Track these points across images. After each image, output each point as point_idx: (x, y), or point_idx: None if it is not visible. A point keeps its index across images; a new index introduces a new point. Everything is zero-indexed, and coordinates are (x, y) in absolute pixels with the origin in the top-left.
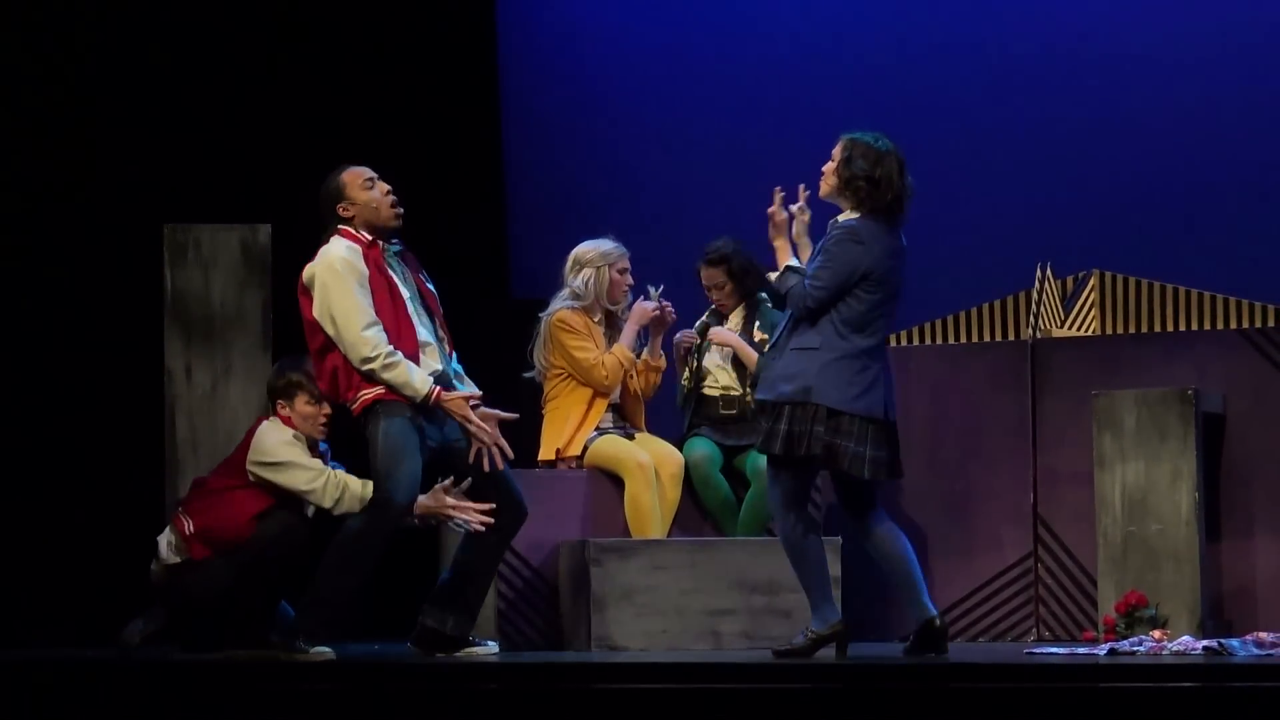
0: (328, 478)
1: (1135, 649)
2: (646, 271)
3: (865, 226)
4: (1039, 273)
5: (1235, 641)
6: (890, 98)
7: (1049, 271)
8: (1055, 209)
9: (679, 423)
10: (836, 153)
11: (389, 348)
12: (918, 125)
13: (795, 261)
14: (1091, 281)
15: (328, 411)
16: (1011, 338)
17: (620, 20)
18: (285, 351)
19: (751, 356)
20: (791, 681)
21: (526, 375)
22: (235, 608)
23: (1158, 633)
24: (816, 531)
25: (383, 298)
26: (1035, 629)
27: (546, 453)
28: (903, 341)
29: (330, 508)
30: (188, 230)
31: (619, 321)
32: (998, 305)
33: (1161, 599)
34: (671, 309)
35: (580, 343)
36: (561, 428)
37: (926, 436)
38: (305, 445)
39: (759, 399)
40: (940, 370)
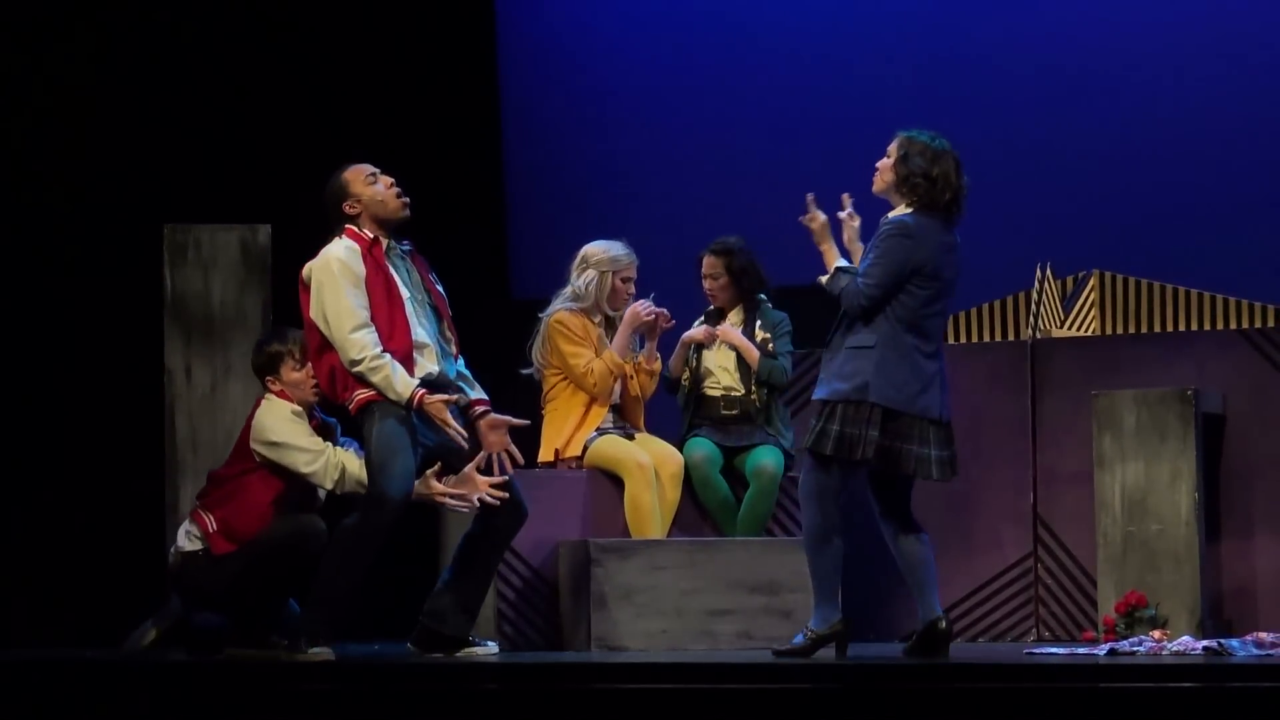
0: (326, 459)
1: (1135, 649)
2: (646, 271)
3: (917, 222)
4: (1039, 273)
5: (1235, 641)
6: (890, 100)
7: (1049, 271)
8: (1055, 209)
9: (679, 423)
10: (892, 149)
11: (376, 350)
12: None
13: (844, 262)
14: (1091, 281)
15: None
16: (1011, 338)
17: (620, 21)
18: None
19: (754, 355)
20: (791, 681)
21: (525, 372)
22: (239, 605)
23: (1157, 633)
24: (840, 533)
25: (379, 297)
26: (1035, 629)
27: (546, 453)
28: None
29: (331, 489)
30: (188, 230)
31: (619, 325)
32: (998, 305)
33: (1161, 599)
34: (667, 314)
35: (574, 348)
36: (561, 428)
37: None
38: (306, 421)
39: (815, 398)
40: None
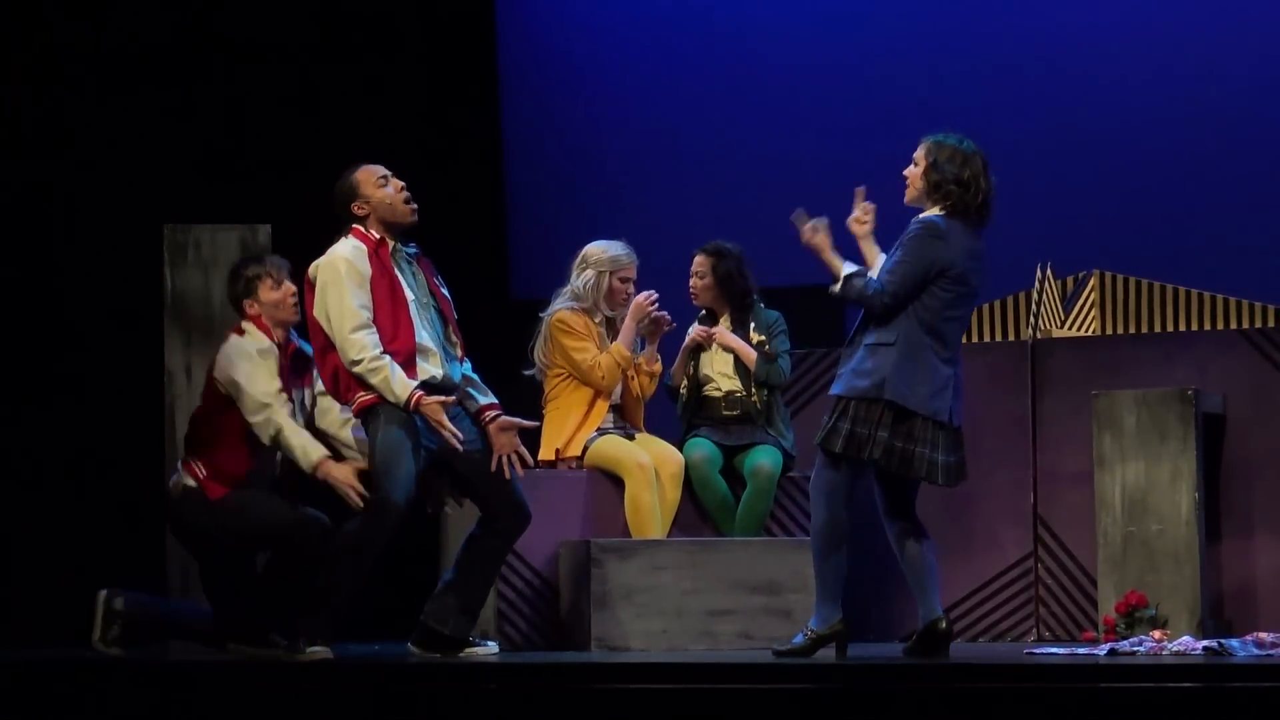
0: (269, 417)
1: (1135, 649)
2: (645, 272)
3: (948, 225)
4: (1039, 273)
5: (1235, 641)
6: (890, 100)
7: (1049, 271)
8: (1055, 209)
9: (678, 423)
10: (919, 157)
11: (376, 351)
12: (916, 127)
13: (851, 267)
14: (1091, 282)
15: (293, 289)
16: (1011, 338)
17: (620, 22)
18: None
19: (751, 356)
20: (791, 681)
21: (527, 373)
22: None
23: (1158, 633)
24: (847, 533)
25: (383, 298)
26: (1035, 629)
27: (546, 453)
28: None
29: (265, 442)
30: (188, 230)
31: (619, 324)
32: (997, 305)
33: (1161, 599)
34: (668, 317)
35: (578, 344)
36: (562, 428)
37: None
38: (273, 360)
39: (832, 393)
40: None
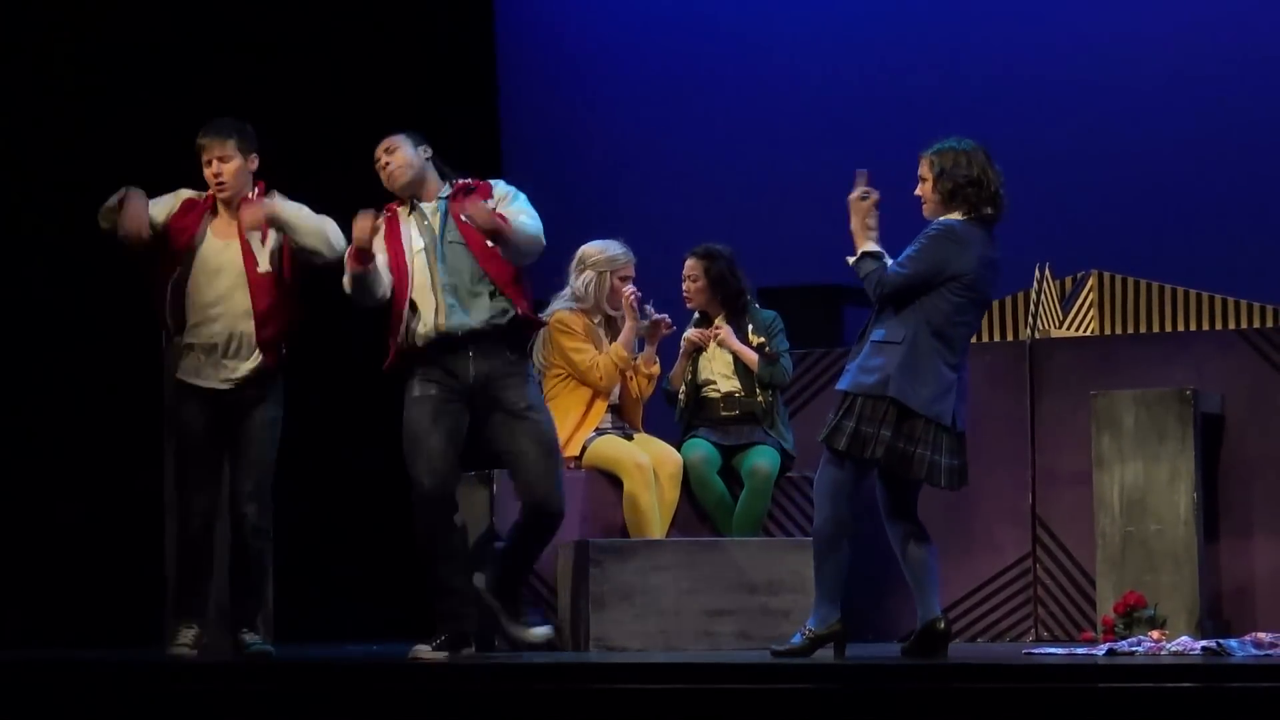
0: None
1: (1134, 649)
2: (644, 272)
3: (965, 230)
4: (1038, 273)
5: (1233, 642)
6: (888, 100)
7: (1048, 272)
8: (1054, 210)
9: (677, 423)
10: (924, 172)
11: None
12: (915, 128)
13: (875, 247)
14: (1090, 282)
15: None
16: (1010, 338)
17: (618, 23)
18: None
19: (753, 359)
20: (790, 681)
21: None
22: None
23: (1156, 633)
24: (850, 533)
25: (390, 255)
26: (1034, 629)
27: None
28: None
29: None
30: None
31: (619, 324)
32: (996, 305)
33: (1160, 599)
34: (668, 320)
35: (577, 344)
36: (560, 428)
37: None
38: None
39: (837, 389)
40: None
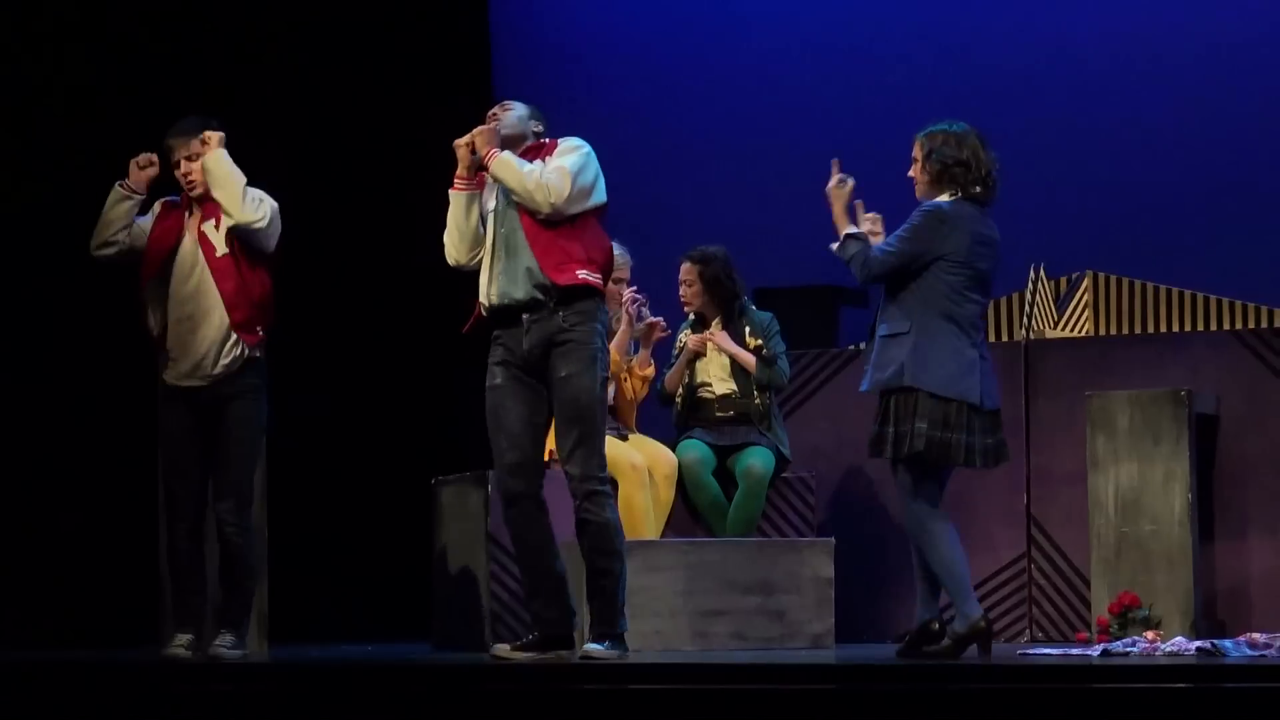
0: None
1: (1128, 650)
2: (641, 272)
3: (954, 210)
4: (1032, 274)
5: (1228, 642)
6: (885, 99)
7: (1042, 272)
8: (1049, 210)
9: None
10: (916, 153)
11: None
12: (910, 127)
13: (856, 229)
14: (1085, 282)
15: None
16: (1005, 339)
17: (613, 22)
18: (283, 352)
19: (751, 361)
20: (786, 682)
21: None
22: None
23: (1151, 633)
24: (938, 523)
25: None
26: (1028, 630)
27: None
28: None
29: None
30: None
31: (615, 326)
32: (991, 306)
33: (1155, 600)
34: (664, 323)
35: None
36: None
37: None
38: None
39: (862, 391)
40: None
